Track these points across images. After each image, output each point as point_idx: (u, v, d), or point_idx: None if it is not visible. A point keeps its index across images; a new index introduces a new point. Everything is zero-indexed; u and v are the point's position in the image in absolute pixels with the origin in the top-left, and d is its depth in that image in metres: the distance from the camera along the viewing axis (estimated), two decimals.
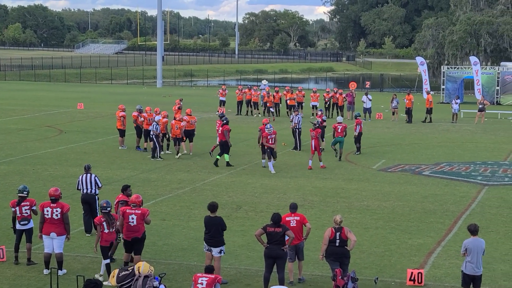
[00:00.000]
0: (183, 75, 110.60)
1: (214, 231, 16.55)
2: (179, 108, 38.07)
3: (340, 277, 15.10)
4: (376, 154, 35.55)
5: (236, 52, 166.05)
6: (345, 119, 49.32)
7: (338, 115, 50.87)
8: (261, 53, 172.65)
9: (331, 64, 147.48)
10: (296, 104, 51.05)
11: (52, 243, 17.31)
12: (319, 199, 25.66)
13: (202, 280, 13.68)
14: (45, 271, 16.98)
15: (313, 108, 51.14)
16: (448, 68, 68.37)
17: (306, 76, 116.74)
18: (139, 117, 35.54)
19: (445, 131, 45.06)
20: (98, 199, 20.81)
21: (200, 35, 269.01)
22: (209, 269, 13.96)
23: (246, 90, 53.48)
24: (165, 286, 13.80)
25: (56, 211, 17.33)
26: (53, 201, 17.47)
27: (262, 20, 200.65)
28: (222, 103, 53.49)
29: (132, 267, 13.83)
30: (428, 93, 52.47)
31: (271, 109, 50.48)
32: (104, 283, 15.67)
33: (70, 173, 29.30)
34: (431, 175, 30.47)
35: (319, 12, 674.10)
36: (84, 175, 20.72)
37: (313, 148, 31.38)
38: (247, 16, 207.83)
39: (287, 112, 49.97)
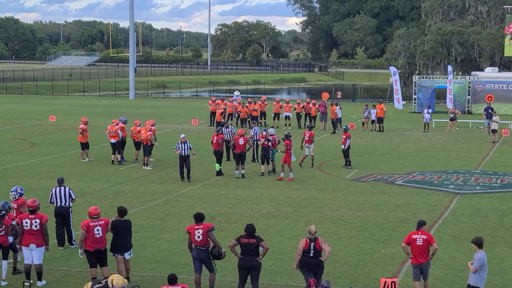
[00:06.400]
0: (155, 86, 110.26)
1: (126, 234, 17.25)
2: None
3: (314, 287, 15.15)
4: None
5: (209, 63, 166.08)
6: (317, 129, 49.55)
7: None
8: (233, 64, 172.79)
9: (304, 75, 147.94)
10: (259, 114, 50.82)
11: (32, 254, 17.28)
12: (292, 209, 25.69)
13: None
14: (26, 283, 16.86)
15: (286, 118, 51.28)
16: (419, 78, 68.86)
17: (279, 87, 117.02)
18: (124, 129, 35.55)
19: (417, 141, 45.32)
20: (71, 211, 20.80)
21: (173, 47, 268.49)
22: (173, 280, 13.97)
23: (219, 101, 53.37)
24: None
25: (35, 222, 17.38)
26: (32, 212, 17.51)
27: (235, 31, 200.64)
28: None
29: (106, 279, 13.77)
30: (380, 103, 52.11)
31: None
32: (2, 284, 16.40)
33: (43, 186, 29.12)
34: (403, 184, 30.63)
35: (291, 23, 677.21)
36: (58, 187, 20.69)
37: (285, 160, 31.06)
38: (220, 27, 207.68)
39: (249, 121, 49.18)
